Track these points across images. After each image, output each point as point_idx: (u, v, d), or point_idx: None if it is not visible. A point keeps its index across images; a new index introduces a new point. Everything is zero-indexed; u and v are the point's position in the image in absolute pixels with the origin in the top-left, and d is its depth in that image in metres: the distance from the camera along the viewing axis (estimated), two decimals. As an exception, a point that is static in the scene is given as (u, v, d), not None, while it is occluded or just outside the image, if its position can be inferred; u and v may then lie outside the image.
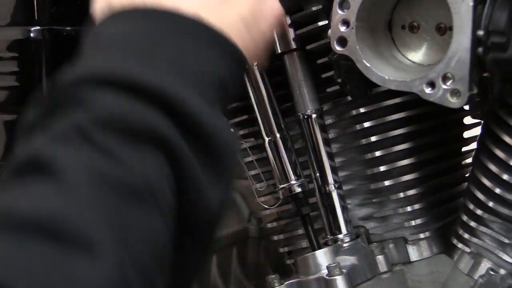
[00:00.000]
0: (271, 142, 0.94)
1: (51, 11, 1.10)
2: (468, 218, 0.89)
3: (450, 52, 0.71)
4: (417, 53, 0.81)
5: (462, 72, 0.71)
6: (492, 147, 0.85)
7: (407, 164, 0.92)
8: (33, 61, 1.08)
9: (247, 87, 0.96)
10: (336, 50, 0.79)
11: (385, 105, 0.92)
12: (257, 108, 0.95)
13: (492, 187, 0.85)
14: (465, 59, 0.70)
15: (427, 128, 0.94)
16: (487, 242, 0.89)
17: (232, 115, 1.03)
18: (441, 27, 0.78)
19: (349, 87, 0.85)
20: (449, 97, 0.72)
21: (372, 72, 0.77)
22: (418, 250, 0.95)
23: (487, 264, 0.89)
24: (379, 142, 0.92)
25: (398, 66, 0.79)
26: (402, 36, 0.81)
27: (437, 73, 0.72)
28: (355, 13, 0.77)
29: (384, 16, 0.81)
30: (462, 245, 0.91)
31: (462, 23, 0.70)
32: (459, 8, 0.70)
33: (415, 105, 0.91)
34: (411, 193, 0.93)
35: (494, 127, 0.85)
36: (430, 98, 0.73)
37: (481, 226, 0.88)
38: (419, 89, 0.74)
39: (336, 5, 0.78)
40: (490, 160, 0.85)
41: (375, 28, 0.80)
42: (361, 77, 0.79)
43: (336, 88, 0.93)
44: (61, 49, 1.11)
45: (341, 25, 0.78)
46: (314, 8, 0.89)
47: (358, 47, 0.77)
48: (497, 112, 0.85)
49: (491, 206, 0.86)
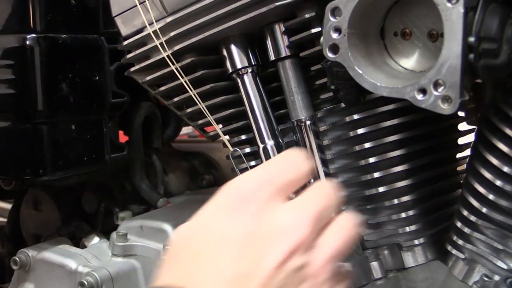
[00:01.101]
0: (265, 149, 0.94)
1: (47, 18, 1.10)
2: (462, 225, 0.89)
3: (441, 58, 0.71)
4: (409, 59, 0.81)
5: (453, 78, 0.71)
6: (486, 154, 0.85)
7: (401, 170, 0.92)
8: (29, 69, 1.09)
9: (241, 95, 0.96)
10: (328, 57, 0.79)
11: (378, 111, 0.92)
12: (251, 115, 0.95)
13: (486, 193, 0.85)
14: (456, 66, 0.70)
15: (421, 134, 0.94)
16: (481, 248, 0.89)
17: (227, 122, 1.03)
18: (433, 34, 0.78)
19: (343, 94, 0.85)
20: (441, 103, 0.72)
21: (364, 78, 0.77)
22: (412, 257, 0.95)
23: (481, 271, 0.89)
24: (373, 148, 0.92)
25: (390, 73, 0.79)
26: (394, 42, 0.81)
27: (428, 79, 0.72)
28: (347, 20, 0.77)
29: (376, 23, 0.81)
30: (456, 251, 0.91)
31: (453, 30, 0.70)
32: (450, 15, 0.70)
33: (409, 112, 0.91)
34: (405, 199, 0.93)
35: (488, 133, 0.85)
36: (421, 105, 0.73)
37: (475, 233, 0.88)
38: (411, 95, 0.74)
39: (328, 12, 0.78)
40: (484, 167, 0.85)
41: (367, 35, 0.80)
42: (354, 83, 0.79)
43: (330, 95, 0.93)
44: (56, 56, 1.11)
45: (333, 32, 0.78)
46: (308, 15, 0.89)
47: (350, 54, 0.77)
48: (491, 119, 0.85)
49: (485, 212, 0.86)
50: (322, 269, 0.61)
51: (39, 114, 1.11)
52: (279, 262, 0.59)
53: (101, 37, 1.19)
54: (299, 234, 0.60)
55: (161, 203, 1.35)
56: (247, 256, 0.59)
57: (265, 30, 0.94)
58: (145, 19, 0.98)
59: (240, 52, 0.96)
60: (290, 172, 0.64)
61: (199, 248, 0.60)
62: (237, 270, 0.58)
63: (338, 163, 0.95)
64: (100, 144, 1.21)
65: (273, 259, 0.59)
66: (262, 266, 0.58)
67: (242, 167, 0.99)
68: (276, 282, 0.58)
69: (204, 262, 0.59)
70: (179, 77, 0.97)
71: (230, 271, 0.58)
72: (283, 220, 0.61)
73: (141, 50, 1.01)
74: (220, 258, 0.58)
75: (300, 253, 0.60)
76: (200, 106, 0.98)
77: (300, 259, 0.60)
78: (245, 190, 0.62)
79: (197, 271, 0.58)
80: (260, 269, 0.58)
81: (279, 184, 0.63)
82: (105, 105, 1.21)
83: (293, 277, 0.59)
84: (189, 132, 2.75)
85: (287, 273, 0.59)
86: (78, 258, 1.16)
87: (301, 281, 0.60)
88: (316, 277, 0.61)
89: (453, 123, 1.02)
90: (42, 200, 1.45)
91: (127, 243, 1.16)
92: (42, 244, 1.27)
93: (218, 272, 0.58)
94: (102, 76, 1.19)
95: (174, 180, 1.48)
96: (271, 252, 0.59)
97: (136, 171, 1.38)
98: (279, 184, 0.63)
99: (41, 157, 1.12)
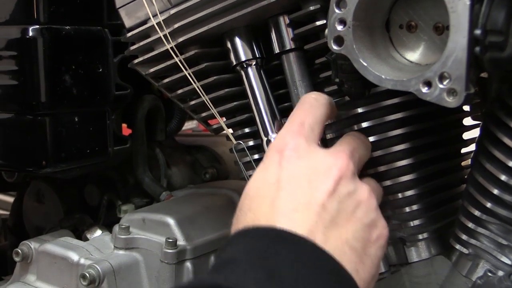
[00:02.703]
0: (268, 142, 0.94)
1: (50, 10, 1.10)
2: (466, 220, 0.89)
3: (447, 51, 0.70)
4: (414, 52, 0.80)
5: (459, 71, 0.70)
6: (491, 148, 0.84)
7: (406, 164, 0.91)
8: (32, 60, 1.08)
9: (245, 87, 0.96)
10: (333, 49, 0.79)
11: (383, 105, 0.91)
12: (255, 108, 0.95)
13: (490, 188, 0.84)
14: (462, 59, 0.70)
15: (426, 128, 0.93)
16: (485, 243, 0.88)
17: (230, 114, 1.02)
18: (438, 27, 0.77)
19: (347, 87, 0.84)
20: (446, 96, 0.71)
21: (368, 71, 0.77)
22: (416, 252, 0.94)
23: (485, 266, 0.88)
24: (377, 142, 0.92)
25: (395, 66, 0.79)
26: (399, 35, 0.80)
27: (433, 72, 0.71)
28: (352, 12, 0.76)
29: (382, 15, 0.80)
30: (460, 246, 0.90)
31: (459, 22, 0.69)
32: (456, 7, 0.69)
33: (414, 105, 0.90)
34: (410, 194, 0.92)
35: (493, 128, 0.84)
36: (426, 98, 0.72)
37: (479, 228, 0.88)
38: (416, 88, 0.73)
39: (333, 4, 0.77)
40: (489, 161, 0.84)
41: (373, 27, 0.80)
42: (359, 76, 0.79)
43: (334, 88, 0.92)
44: (59, 47, 1.11)
45: (338, 24, 0.78)
46: (312, 8, 0.88)
47: (355, 46, 0.77)
48: (496, 113, 0.84)
49: (489, 207, 0.85)
50: (370, 194, 0.76)
51: (42, 105, 1.10)
52: (330, 190, 0.72)
53: (104, 29, 1.18)
54: (340, 165, 0.75)
55: (164, 196, 1.34)
56: (303, 191, 0.72)
57: (270, 22, 0.94)
58: (149, 11, 0.97)
59: (244, 44, 0.95)
60: (313, 116, 0.80)
61: (265, 193, 0.73)
62: (297, 201, 0.71)
63: (342, 157, 0.95)
64: (103, 136, 1.21)
65: (324, 188, 0.72)
66: (316, 195, 0.72)
67: (245, 160, 0.99)
68: (333, 207, 0.72)
69: (270, 202, 0.72)
70: (183, 69, 0.97)
71: (291, 203, 0.71)
72: (325, 159, 0.75)
73: (144, 42, 1.01)
74: (282, 196, 0.72)
75: (346, 180, 0.74)
76: (204, 99, 0.98)
77: (347, 185, 0.74)
78: (286, 147, 0.76)
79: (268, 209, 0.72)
80: (315, 199, 0.71)
81: (309, 133, 0.78)
82: (108, 98, 1.20)
83: (347, 201, 0.73)
84: (193, 127, 2.75)
85: (340, 199, 0.73)
86: (80, 251, 1.16)
87: (356, 205, 0.74)
88: (368, 200, 0.75)
89: (458, 117, 1.01)
90: (45, 192, 1.45)
91: (130, 236, 1.16)
92: (44, 236, 1.27)
93: (283, 207, 0.71)
94: (105, 68, 1.18)
95: (177, 173, 1.48)
96: (322, 184, 0.73)
97: (139, 164, 1.37)
98: (309, 133, 0.78)
99: (44, 149, 1.12)
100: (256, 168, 0.78)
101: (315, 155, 0.76)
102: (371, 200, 0.76)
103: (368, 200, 0.76)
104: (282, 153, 0.75)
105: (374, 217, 0.76)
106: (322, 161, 0.75)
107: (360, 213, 0.74)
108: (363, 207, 0.75)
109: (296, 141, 0.76)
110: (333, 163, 0.75)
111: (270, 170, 0.75)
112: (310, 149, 0.76)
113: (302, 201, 0.71)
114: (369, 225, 0.74)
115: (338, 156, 0.76)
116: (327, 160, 0.75)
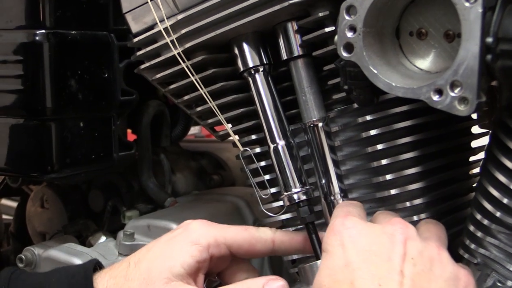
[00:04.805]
0: (276, 149, 0.93)
1: (56, 14, 1.09)
2: (475, 229, 0.88)
3: (458, 59, 0.70)
4: (425, 60, 0.79)
5: (470, 79, 0.69)
6: (500, 157, 0.83)
7: (414, 173, 0.91)
8: (38, 65, 1.08)
9: (252, 94, 0.95)
10: (343, 56, 0.78)
11: (392, 112, 0.90)
12: (262, 115, 0.94)
13: (500, 197, 0.84)
14: (474, 67, 0.69)
15: (434, 136, 0.93)
16: (494, 253, 0.87)
17: (237, 121, 1.02)
18: (449, 34, 0.77)
19: (356, 95, 0.84)
20: (457, 104, 0.71)
21: (378, 78, 0.76)
22: (424, 261, 0.93)
23: (494, 276, 0.87)
24: (385, 150, 0.91)
25: (405, 73, 0.78)
26: (409, 42, 0.80)
27: (445, 80, 0.71)
28: (362, 19, 0.76)
29: (392, 22, 0.80)
30: (468, 255, 0.89)
31: (471, 30, 0.69)
32: (468, 14, 0.69)
33: (422, 113, 0.90)
34: (418, 202, 0.92)
35: (502, 136, 0.84)
36: (437, 106, 0.72)
37: (488, 237, 0.87)
38: (427, 96, 0.72)
39: (343, 11, 0.77)
40: (498, 170, 0.84)
41: (383, 34, 0.79)
42: (368, 84, 0.78)
43: (343, 95, 0.92)
44: (65, 52, 1.10)
45: (348, 30, 0.77)
46: (321, 14, 0.88)
47: (365, 53, 0.76)
48: (506, 122, 0.83)
49: (499, 216, 0.84)
50: (439, 247, 0.77)
51: (48, 110, 1.09)
52: (402, 254, 0.74)
53: (110, 34, 1.18)
54: (400, 228, 0.77)
55: (169, 202, 1.34)
56: (378, 265, 0.74)
57: (278, 28, 0.93)
58: (156, 16, 0.97)
59: (252, 50, 0.95)
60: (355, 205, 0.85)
61: (340, 277, 0.74)
62: (377, 276, 0.73)
63: (349, 165, 0.94)
64: (108, 142, 1.20)
65: (396, 256, 0.74)
66: (392, 265, 0.73)
67: (252, 167, 0.98)
68: (410, 271, 0.73)
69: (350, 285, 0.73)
70: (190, 75, 0.96)
71: (371, 280, 0.72)
72: (384, 228, 0.77)
73: (151, 48, 1.00)
74: (360, 275, 0.73)
75: (412, 241, 0.76)
76: (211, 105, 0.97)
77: (415, 245, 0.75)
78: (343, 227, 0.78)
79: None
80: (392, 268, 0.73)
81: (359, 214, 0.82)
82: (113, 103, 1.20)
83: (421, 261, 0.74)
84: (195, 132, 2.74)
85: (414, 261, 0.74)
86: (84, 257, 1.15)
87: (430, 262, 0.75)
88: (439, 255, 0.76)
89: (467, 125, 1.01)
90: (49, 198, 1.44)
91: (134, 243, 1.15)
92: (48, 242, 1.26)
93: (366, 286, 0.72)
94: (111, 73, 1.18)
95: (182, 179, 1.47)
96: (392, 252, 0.74)
97: (144, 170, 1.37)
98: (359, 214, 0.82)
99: (48, 154, 1.11)
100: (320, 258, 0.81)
101: (372, 227, 0.78)
102: (442, 253, 0.77)
103: (439, 254, 0.76)
104: (342, 234, 0.77)
105: (452, 269, 0.76)
106: (382, 231, 0.77)
107: (438, 271, 0.75)
108: (437, 263, 0.75)
109: (351, 221, 0.78)
110: (393, 229, 0.77)
111: (336, 254, 0.76)
112: (367, 224, 0.79)
113: (381, 274, 0.72)
114: (451, 279, 0.75)
115: (393, 222, 0.78)
116: (386, 229, 0.77)
